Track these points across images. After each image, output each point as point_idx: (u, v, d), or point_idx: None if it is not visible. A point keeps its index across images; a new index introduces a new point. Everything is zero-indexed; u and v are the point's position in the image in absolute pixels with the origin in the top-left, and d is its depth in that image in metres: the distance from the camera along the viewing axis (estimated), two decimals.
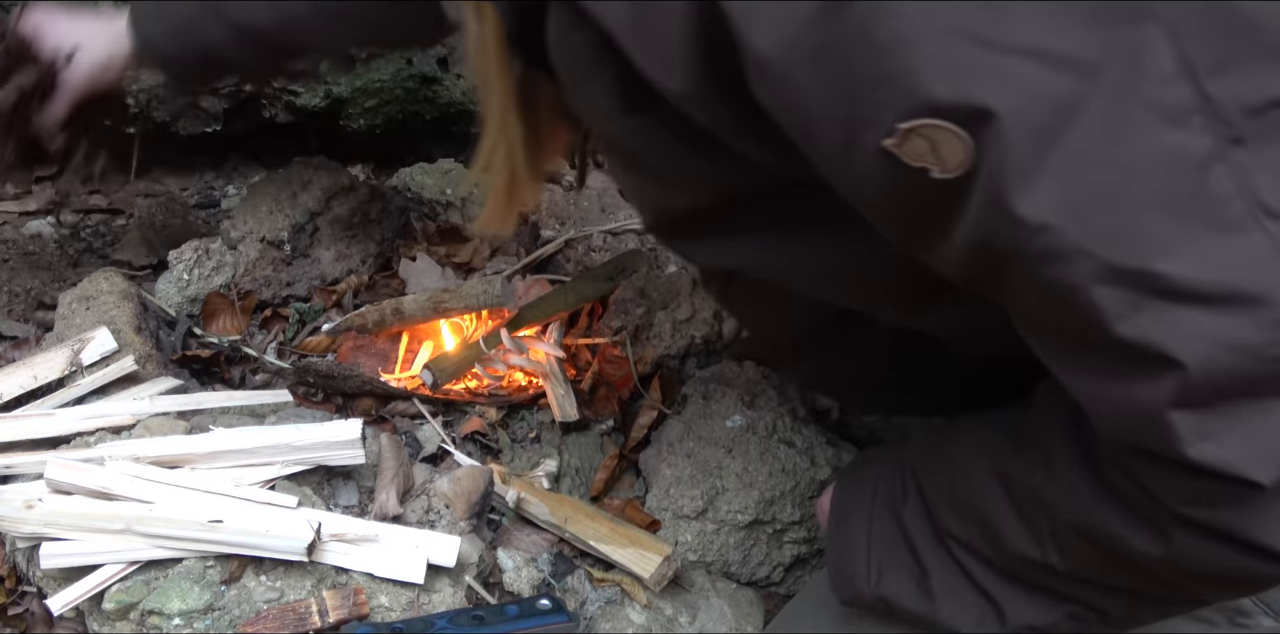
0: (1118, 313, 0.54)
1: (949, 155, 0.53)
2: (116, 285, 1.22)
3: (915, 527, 0.81)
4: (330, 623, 0.87)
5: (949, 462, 0.81)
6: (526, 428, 1.25)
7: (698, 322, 1.29)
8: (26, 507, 0.89)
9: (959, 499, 0.78)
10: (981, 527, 0.76)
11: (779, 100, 0.57)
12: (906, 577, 0.81)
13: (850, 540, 0.85)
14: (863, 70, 0.53)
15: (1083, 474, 0.67)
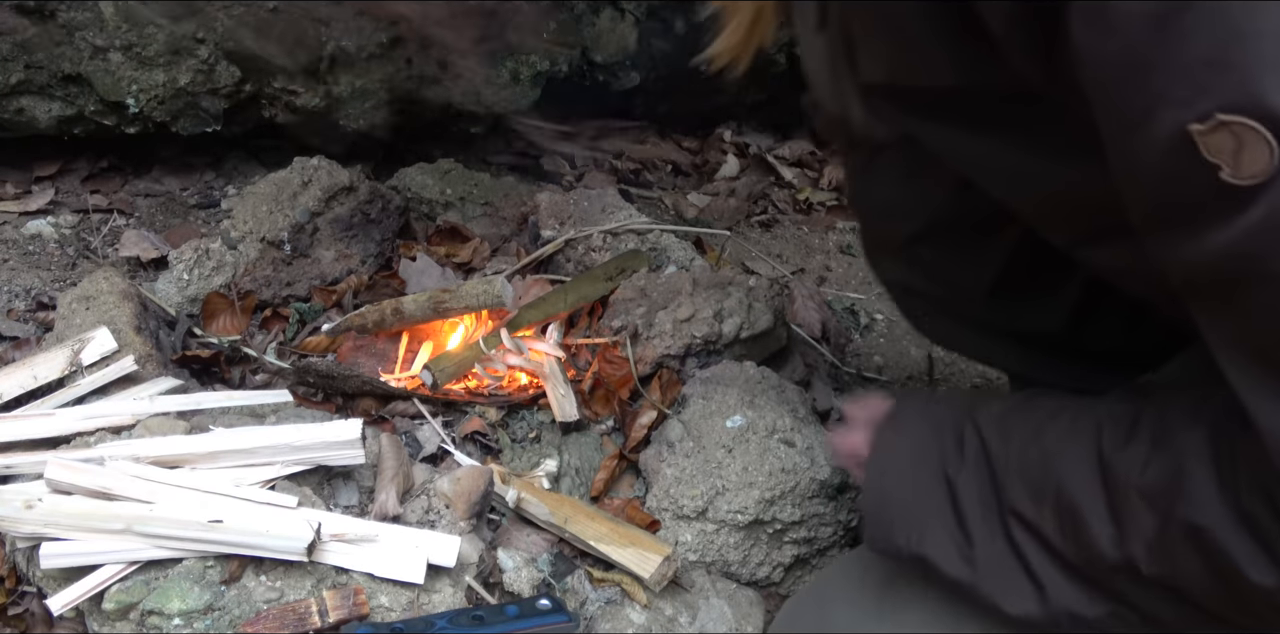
0: None
1: (1250, 162, 0.53)
2: (116, 285, 1.22)
3: (967, 492, 0.79)
4: (330, 623, 0.87)
5: (1035, 438, 0.77)
6: (526, 428, 1.25)
7: (698, 321, 1.29)
8: (26, 507, 0.89)
9: (1040, 482, 0.75)
10: (1062, 516, 0.73)
11: (1096, 46, 0.56)
12: (948, 541, 0.79)
13: (891, 492, 0.83)
14: (1204, 48, 0.52)
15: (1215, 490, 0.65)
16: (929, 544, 0.80)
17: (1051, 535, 0.74)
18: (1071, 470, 0.73)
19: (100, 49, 1.53)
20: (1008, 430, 0.79)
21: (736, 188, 2.01)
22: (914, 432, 0.84)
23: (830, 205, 2.02)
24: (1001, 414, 0.80)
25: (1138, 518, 0.69)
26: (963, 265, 0.97)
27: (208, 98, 1.61)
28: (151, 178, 1.77)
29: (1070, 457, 0.73)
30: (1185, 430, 0.67)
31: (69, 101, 1.57)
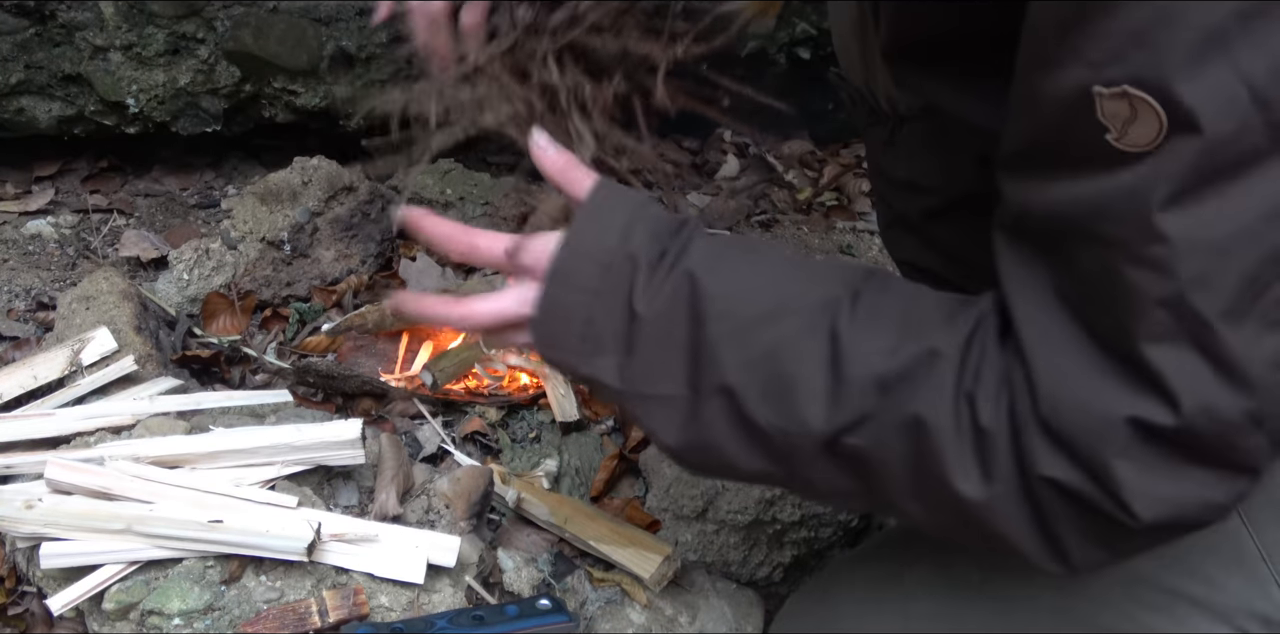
0: (1156, 334, 0.58)
1: (1137, 134, 0.56)
2: (116, 285, 1.22)
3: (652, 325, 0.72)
4: (330, 623, 0.87)
5: (758, 288, 0.73)
6: (526, 428, 1.25)
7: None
8: (26, 507, 0.89)
9: (756, 344, 0.71)
10: (770, 383, 0.70)
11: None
12: (614, 369, 0.74)
13: (567, 309, 0.75)
14: (1133, 21, 0.54)
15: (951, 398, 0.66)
16: (598, 367, 0.74)
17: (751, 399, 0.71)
18: (797, 341, 0.70)
19: (100, 49, 1.53)
20: (723, 273, 0.73)
21: (736, 188, 2.01)
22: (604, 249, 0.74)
23: (830, 205, 2.02)
24: (720, 249, 0.74)
25: (860, 400, 0.68)
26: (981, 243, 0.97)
27: (208, 98, 1.61)
28: (151, 178, 1.77)
29: (798, 327, 0.70)
30: (940, 328, 0.68)
31: (69, 101, 1.58)
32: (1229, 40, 0.54)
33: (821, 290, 0.71)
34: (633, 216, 0.76)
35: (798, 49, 2.00)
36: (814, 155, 2.16)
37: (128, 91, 1.56)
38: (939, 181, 0.99)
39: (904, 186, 1.05)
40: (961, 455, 0.66)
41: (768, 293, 0.73)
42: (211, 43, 1.57)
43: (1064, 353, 0.63)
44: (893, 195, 1.09)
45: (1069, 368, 0.62)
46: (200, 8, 1.53)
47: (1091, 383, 0.62)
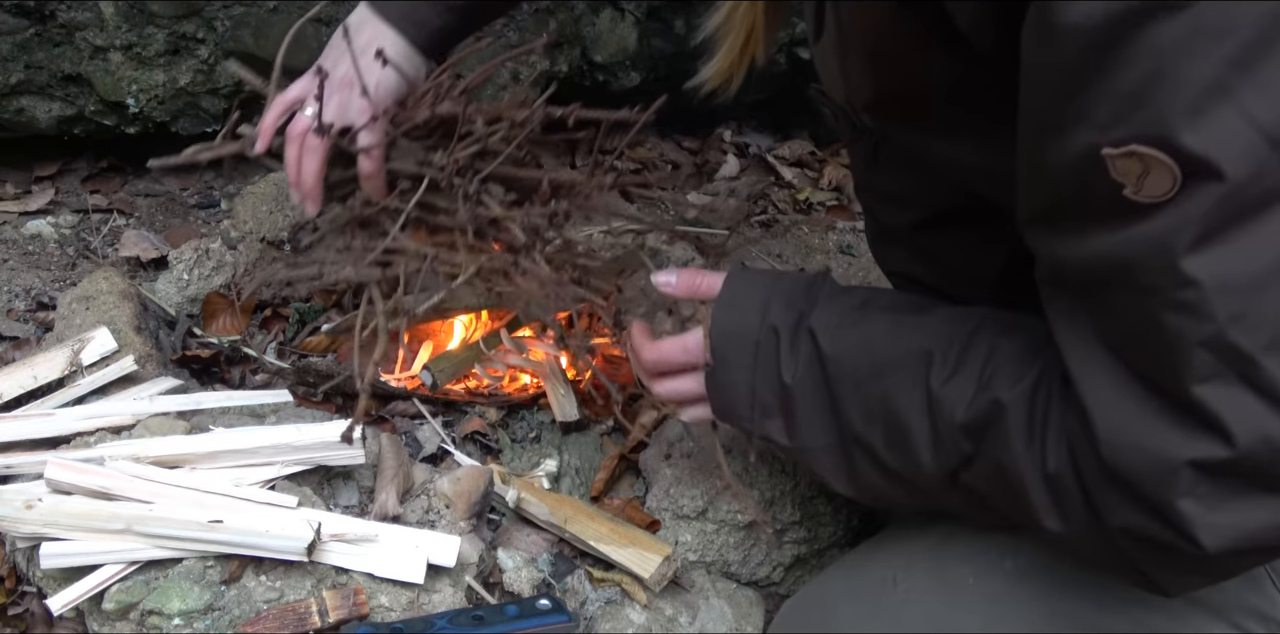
0: (1203, 375, 0.60)
1: (1153, 185, 0.57)
2: (116, 285, 1.22)
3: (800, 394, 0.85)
4: (330, 623, 0.87)
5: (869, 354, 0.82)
6: (527, 428, 1.25)
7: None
8: (26, 507, 0.89)
9: (873, 398, 0.81)
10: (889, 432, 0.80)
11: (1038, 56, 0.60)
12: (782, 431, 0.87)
13: (733, 386, 0.88)
14: (1131, 82, 0.56)
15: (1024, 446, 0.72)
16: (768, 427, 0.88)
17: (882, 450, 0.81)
18: (900, 395, 0.79)
19: (100, 49, 1.53)
20: (840, 344, 0.83)
21: (736, 188, 2.01)
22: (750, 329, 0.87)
23: (830, 205, 2.02)
24: (835, 326, 0.84)
25: (958, 445, 0.76)
26: (969, 253, 0.98)
27: (208, 98, 1.61)
28: (151, 178, 1.77)
29: (902, 382, 0.79)
30: (1009, 387, 0.74)
31: (69, 101, 1.57)
32: (1230, 89, 0.54)
33: (920, 345, 0.79)
34: (769, 292, 0.89)
35: (797, 49, 2.00)
36: (814, 155, 2.16)
37: (128, 91, 1.55)
38: (923, 195, 1.00)
39: (889, 200, 1.06)
40: (1040, 497, 0.71)
41: (875, 351, 0.82)
42: (211, 43, 1.57)
43: (1117, 398, 0.65)
44: (879, 208, 1.10)
45: (1124, 413, 0.64)
46: (200, 8, 1.53)
47: (1147, 427, 0.63)
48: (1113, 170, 0.58)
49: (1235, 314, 0.58)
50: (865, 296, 0.87)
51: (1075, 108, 0.58)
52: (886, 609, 0.90)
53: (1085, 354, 0.66)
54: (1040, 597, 0.85)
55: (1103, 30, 0.55)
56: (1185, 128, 0.55)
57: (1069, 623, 0.83)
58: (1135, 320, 0.63)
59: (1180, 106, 0.55)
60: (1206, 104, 0.55)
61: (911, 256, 1.09)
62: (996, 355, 0.76)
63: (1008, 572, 0.87)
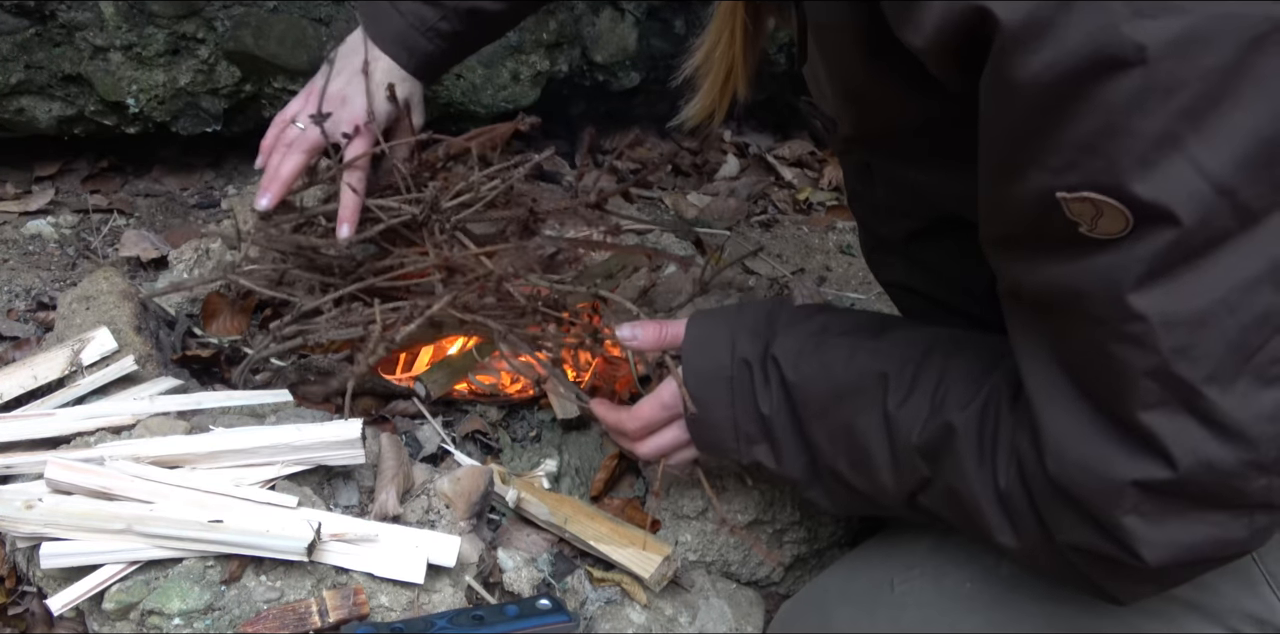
0: (1149, 403, 0.62)
1: (1105, 225, 0.59)
2: (116, 285, 1.22)
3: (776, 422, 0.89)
4: (330, 623, 0.87)
5: (829, 378, 0.86)
6: (527, 427, 1.25)
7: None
8: (26, 507, 0.89)
9: (835, 421, 0.85)
10: (853, 455, 0.84)
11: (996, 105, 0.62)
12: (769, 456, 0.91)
13: (715, 424, 0.92)
14: (1082, 134, 0.57)
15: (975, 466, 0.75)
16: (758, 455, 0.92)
17: (843, 464, 0.85)
18: (861, 420, 0.83)
19: (100, 49, 1.53)
20: (802, 370, 0.87)
21: (736, 188, 2.01)
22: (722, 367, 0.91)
23: (830, 205, 2.02)
24: (797, 353, 0.88)
25: (915, 467, 0.80)
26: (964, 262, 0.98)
27: (208, 98, 1.61)
28: (151, 178, 1.77)
29: (861, 406, 0.83)
30: (959, 408, 0.77)
31: (69, 101, 1.58)
32: (1180, 140, 0.56)
33: (876, 368, 0.83)
34: (733, 327, 0.92)
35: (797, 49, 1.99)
36: (814, 155, 2.16)
37: (128, 91, 1.56)
38: (915, 207, 1.00)
39: (882, 211, 1.07)
40: (994, 515, 0.75)
41: (835, 377, 0.85)
42: (211, 43, 1.57)
43: (1068, 415, 0.67)
44: (873, 220, 1.11)
45: (1073, 431, 0.67)
46: (200, 8, 1.53)
47: (1095, 446, 0.66)
48: (1067, 211, 0.60)
49: (1179, 347, 0.60)
50: (824, 322, 0.90)
51: (1030, 153, 0.60)
52: (883, 612, 0.90)
53: (1040, 369, 0.69)
54: (1036, 601, 0.85)
55: (1056, 86, 0.57)
56: (1136, 178, 0.57)
57: (1064, 627, 0.83)
58: (1086, 345, 0.65)
59: (1132, 158, 0.57)
60: (1157, 156, 0.57)
61: (906, 267, 1.10)
62: (948, 376, 0.79)
63: (1004, 576, 0.87)
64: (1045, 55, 0.56)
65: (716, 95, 0.94)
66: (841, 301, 1.67)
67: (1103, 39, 0.55)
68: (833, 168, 2.11)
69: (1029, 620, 0.84)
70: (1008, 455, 0.73)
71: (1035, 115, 0.59)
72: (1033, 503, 0.72)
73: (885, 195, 1.04)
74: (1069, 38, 0.55)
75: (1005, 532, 0.75)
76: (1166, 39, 0.54)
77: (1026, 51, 0.57)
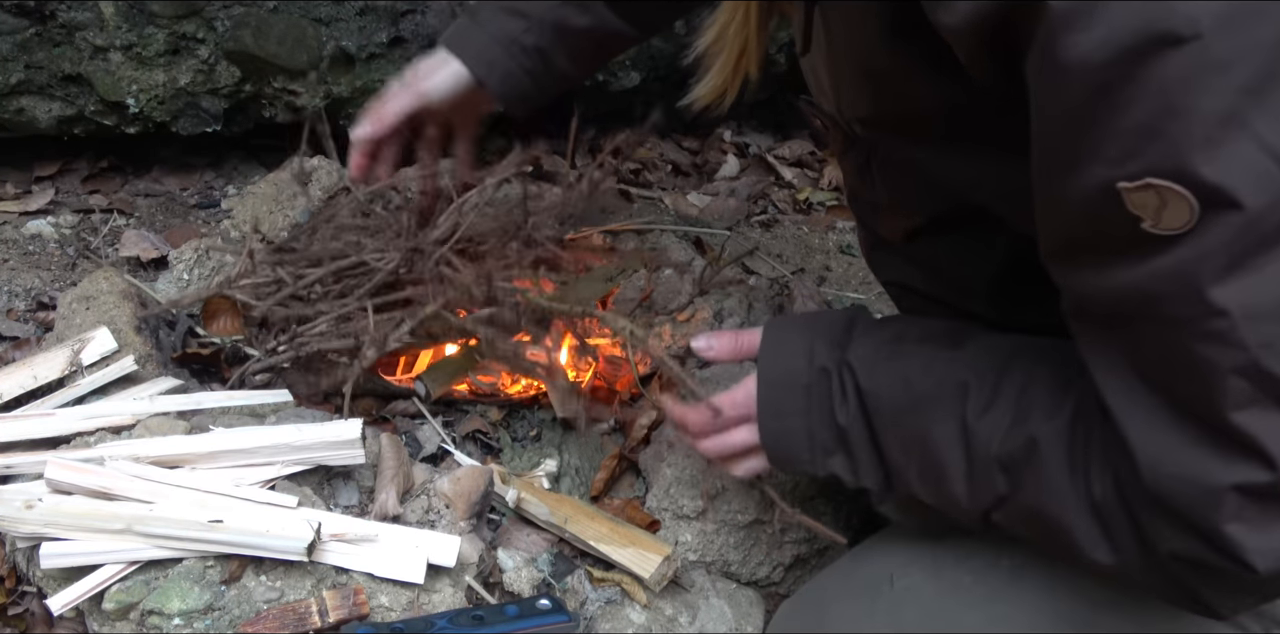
0: (1240, 403, 0.59)
1: (1171, 217, 0.57)
2: (116, 285, 1.22)
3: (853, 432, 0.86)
4: (330, 623, 0.87)
5: (905, 387, 0.83)
6: (527, 427, 1.25)
7: (698, 322, 1.29)
8: (26, 507, 0.89)
9: (908, 431, 0.82)
10: (925, 467, 0.81)
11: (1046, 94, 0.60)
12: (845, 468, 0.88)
13: (790, 434, 0.88)
14: (1141, 117, 0.55)
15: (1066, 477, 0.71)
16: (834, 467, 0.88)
17: (915, 480, 0.82)
18: (935, 431, 0.79)
19: (100, 49, 1.53)
20: (877, 378, 0.84)
21: (736, 188, 2.01)
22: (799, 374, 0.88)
23: (830, 205, 2.02)
24: (872, 362, 0.85)
25: (993, 481, 0.76)
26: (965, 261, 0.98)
27: (208, 98, 1.61)
28: (151, 178, 1.77)
29: (934, 417, 0.80)
30: (1046, 418, 0.73)
31: (69, 101, 1.57)
32: (1244, 117, 0.54)
33: (955, 377, 0.80)
34: (810, 335, 0.89)
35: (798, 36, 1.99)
36: (814, 155, 2.16)
37: (128, 91, 1.55)
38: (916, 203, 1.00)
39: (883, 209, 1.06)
40: (1087, 530, 0.71)
41: (911, 385, 0.82)
42: (211, 43, 1.56)
43: (1155, 428, 0.64)
44: (872, 218, 1.10)
45: (1163, 442, 0.64)
46: (200, 8, 1.53)
47: (1188, 455, 0.63)
48: (1129, 204, 0.58)
49: (1266, 341, 0.58)
50: (899, 330, 0.88)
51: (1086, 143, 0.58)
52: (883, 609, 0.90)
53: (1119, 386, 0.66)
54: (1037, 596, 0.85)
55: (1108, 67, 0.55)
56: (1201, 159, 0.55)
57: (1066, 622, 0.83)
58: (1165, 351, 0.62)
59: (1194, 138, 0.55)
60: (1220, 135, 0.54)
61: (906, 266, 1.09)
62: (1033, 386, 0.76)
63: (1005, 571, 0.87)
64: (1095, 34, 0.54)
65: (729, 74, 0.91)
66: (841, 302, 1.67)
67: (1153, 14, 0.53)
68: (833, 168, 2.11)
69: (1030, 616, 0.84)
70: (1102, 467, 0.69)
71: (1088, 101, 0.57)
72: (1131, 516, 0.68)
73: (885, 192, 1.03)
74: (1118, 14, 0.53)
75: (1100, 547, 0.71)
76: (1219, 12, 0.52)
77: (1075, 31, 0.55)
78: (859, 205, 1.12)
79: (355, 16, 1.60)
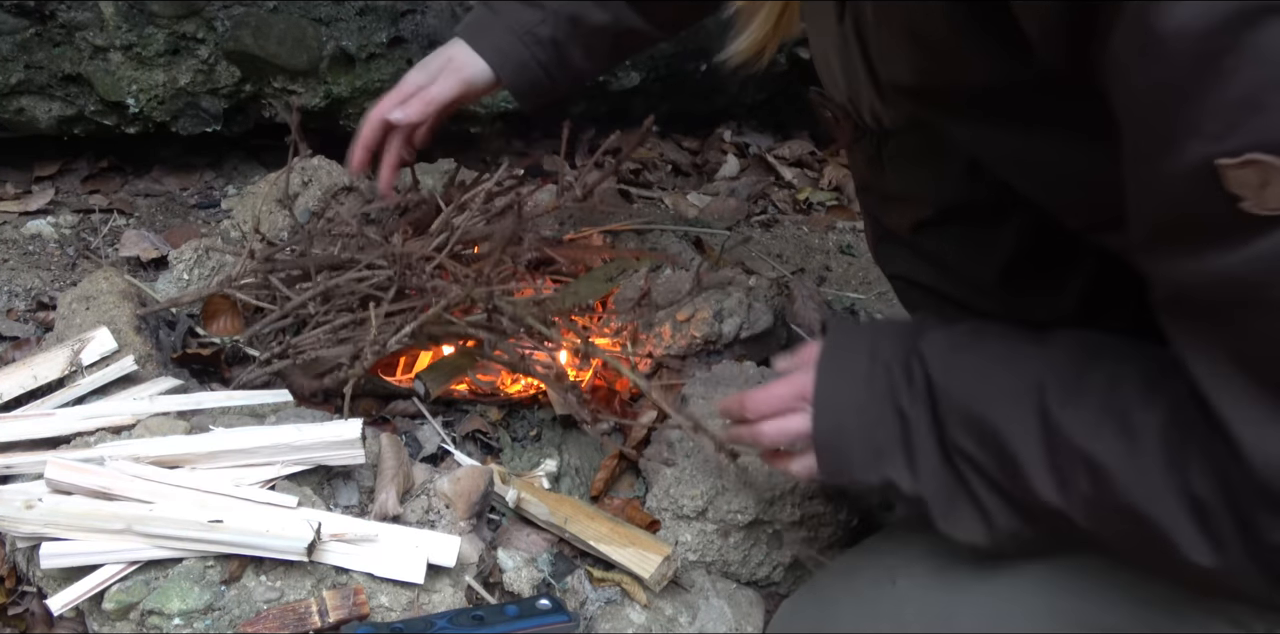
0: None
1: (1274, 196, 0.54)
2: (116, 285, 1.22)
3: (917, 425, 0.80)
4: (330, 623, 0.87)
5: (981, 378, 0.78)
6: (527, 426, 1.25)
7: (698, 321, 1.29)
8: (26, 507, 0.89)
9: (981, 423, 0.76)
10: (1001, 460, 0.75)
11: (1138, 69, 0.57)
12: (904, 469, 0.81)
13: (848, 426, 0.83)
14: (1242, 89, 0.53)
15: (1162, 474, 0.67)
16: (889, 469, 0.82)
17: (994, 472, 0.76)
18: (1012, 422, 0.75)
19: (100, 49, 1.53)
20: (951, 369, 0.80)
21: (736, 188, 2.01)
22: (860, 366, 0.84)
23: (830, 205, 2.02)
24: (947, 349, 0.81)
25: (1080, 480, 0.71)
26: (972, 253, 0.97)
27: (208, 98, 1.61)
28: (151, 178, 1.77)
29: (1012, 407, 0.75)
30: (1141, 409, 0.69)
31: (69, 101, 1.58)
32: None
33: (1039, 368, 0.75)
34: (875, 334, 0.86)
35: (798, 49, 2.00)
36: (814, 155, 2.16)
37: (128, 91, 1.56)
38: (928, 193, 0.99)
39: (893, 200, 1.05)
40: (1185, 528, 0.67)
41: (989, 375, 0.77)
42: (211, 43, 1.57)
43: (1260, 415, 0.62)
44: (881, 210, 1.10)
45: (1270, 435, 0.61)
46: (200, 8, 1.53)
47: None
48: (1228, 182, 0.55)
49: None
50: (976, 325, 0.84)
51: (1183, 118, 0.56)
52: (885, 608, 0.90)
53: (1220, 379, 0.63)
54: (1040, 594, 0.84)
55: (1209, 36, 0.52)
56: None
57: (1070, 621, 0.83)
58: (1269, 339, 0.60)
59: None
60: None
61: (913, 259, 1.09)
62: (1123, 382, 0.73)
63: (1006, 570, 0.87)
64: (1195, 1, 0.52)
65: (770, 29, 0.87)
66: (841, 301, 1.67)
67: None
68: (833, 168, 2.11)
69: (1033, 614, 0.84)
70: (1201, 463, 0.66)
71: (1186, 73, 0.54)
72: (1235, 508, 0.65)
73: (896, 183, 1.02)
74: None
75: (1200, 547, 0.66)
76: None
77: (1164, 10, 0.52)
78: (867, 197, 1.12)
79: (355, 16, 1.61)
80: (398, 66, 1.66)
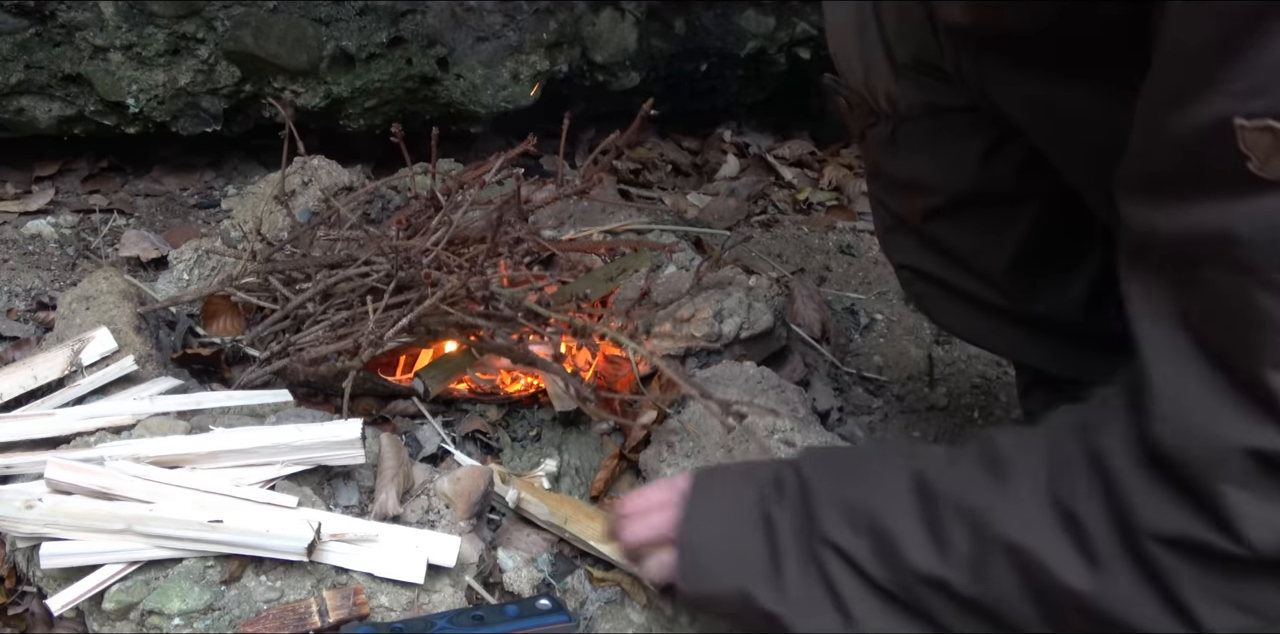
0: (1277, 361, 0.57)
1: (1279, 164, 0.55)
2: (116, 285, 1.22)
3: (782, 527, 0.79)
4: (330, 623, 0.87)
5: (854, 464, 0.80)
6: (527, 426, 1.25)
7: (698, 321, 1.29)
8: (26, 507, 0.89)
9: (855, 504, 0.76)
10: (875, 536, 0.74)
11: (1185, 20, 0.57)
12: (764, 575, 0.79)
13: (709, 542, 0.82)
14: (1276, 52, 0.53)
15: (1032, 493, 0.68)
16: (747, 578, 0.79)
17: (865, 561, 0.75)
18: (888, 499, 0.75)
19: (100, 49, 1.53)
20: (824, 467, 0.81)
21: (736, 188, 2.01)
22: (728, 485, 0.84)
23: (830, 205, 2.02)
24: (821, 455, 0.83)
25: (958, 538, 0.71)
26: (981, 243, 0.97)
27: (208, 98, 1.61)
28: (151, 178, 1.77)
29: (888, 486, 0.75)
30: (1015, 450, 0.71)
31: (69, 101, 1.58)
32: None
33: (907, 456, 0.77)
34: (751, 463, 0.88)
35: (798, 49, 2.00)
36: (814, 155, 2.16)
37: (128, 91, 1.56)
38: (940, 179, 0.99)
39: (904, 186, 1.05)
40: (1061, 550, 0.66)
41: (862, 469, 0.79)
42: (211, 43, 1.57)
43: (1184, 372, 0.62)
44: (892, 197, 1.09)
45: (1187, 389, 0.62)
46: (200, 8, 1.53)
47: (1208, 406, 0.61)
48: (1241, 142, 0.55)
49: None
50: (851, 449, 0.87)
51: (1213, 75, 0.56)
52: None
53: (1157, 329, 0.64)
54: None
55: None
56: None
57: None
58: (1222, 297, 0.60)
59: None
60: None
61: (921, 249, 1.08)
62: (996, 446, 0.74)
63: None
64: None
65: None
66: (841, 301, 1.68)
67: None
68: (833, 168, 2.11)
69: None
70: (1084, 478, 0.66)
71: (1226, 32, 0.54)
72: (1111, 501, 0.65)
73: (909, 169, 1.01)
74: None
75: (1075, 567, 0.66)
76: None
77: None
78: (879, 184, 1.11)
79: (355, 16, 1.61)
80: (397, 66, 1.66)
